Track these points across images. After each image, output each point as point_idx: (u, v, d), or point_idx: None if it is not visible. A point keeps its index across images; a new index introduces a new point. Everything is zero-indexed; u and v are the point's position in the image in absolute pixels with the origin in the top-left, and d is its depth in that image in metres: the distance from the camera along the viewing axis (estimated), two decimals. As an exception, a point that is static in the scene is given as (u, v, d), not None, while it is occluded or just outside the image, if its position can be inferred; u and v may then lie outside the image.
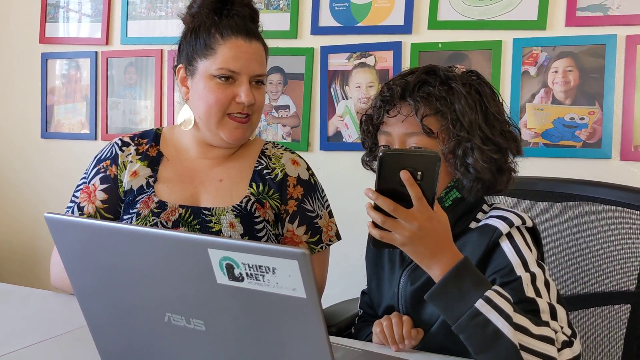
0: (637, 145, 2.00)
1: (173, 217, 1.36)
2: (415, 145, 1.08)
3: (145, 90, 2.74)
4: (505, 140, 1.10)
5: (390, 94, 1.12)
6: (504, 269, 1.02)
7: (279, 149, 1.49)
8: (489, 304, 0.90)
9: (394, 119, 1.11)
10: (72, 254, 0.84)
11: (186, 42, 1.41)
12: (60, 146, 2.92)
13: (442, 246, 0.93)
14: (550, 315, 0.97)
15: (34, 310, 1.30)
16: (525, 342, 0.90)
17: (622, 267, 1.32)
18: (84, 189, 1.45)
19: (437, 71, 1.12)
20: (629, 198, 1.32)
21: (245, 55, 1.36)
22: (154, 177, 1.42)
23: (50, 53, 2.91)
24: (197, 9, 1.41)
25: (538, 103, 2.11)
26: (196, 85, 1.39)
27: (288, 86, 2.46)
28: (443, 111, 1.07)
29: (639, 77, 1.99)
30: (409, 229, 0.91)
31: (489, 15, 2.16)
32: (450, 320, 0.93)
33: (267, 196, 1.41)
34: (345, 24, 2.36)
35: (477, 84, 1.11)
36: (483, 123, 1.08)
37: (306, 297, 0.65)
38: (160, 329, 0.79)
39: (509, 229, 1.06)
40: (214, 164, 1.44)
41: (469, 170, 1.07)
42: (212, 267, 0.70)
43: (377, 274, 1.24)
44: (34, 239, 2.96)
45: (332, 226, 1.46)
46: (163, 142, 1.49)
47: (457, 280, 0.92)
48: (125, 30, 2.75)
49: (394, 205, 0.90)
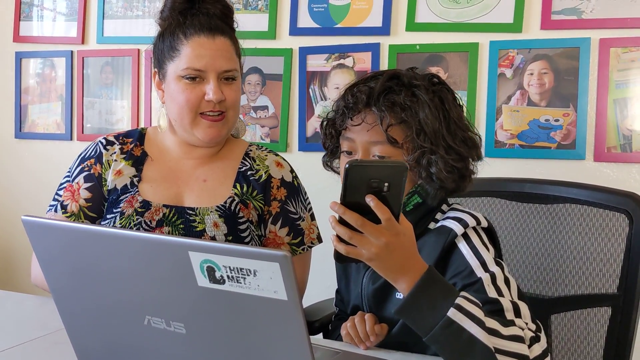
0: (610, 146, 2.04)
1: (157, 216, 1.36)
2: (379, 154, 1.08)
3: (122, 90, 2.71)
4: (467, 148, 1.10)
5: (354, 101, 1.10)
6: (464, 271, 1.03)
7: (264, 151, 1.49)
8: (460, 312, 0.90)
9: (358, 127, 1.10)
10: (50, 257, 0.83)
11: (156, 46, 1.42)
12: (34, 147, 2.88)
13: (408, 260, 0.92)
14: (514, 313, 0.98)
15: (9, 313, 1.28)
16: (498, 345, 0.91)
17: (602, 269, 1.32)
18: (67, 187, 1.43)
19: (401, 77, 1.11)
20: (609, 200, 1.32)
21: (209, 52, 1.35)
22: (139, 176, 1.42)
23: (25, 52, 2.86)
24: (167, 12, 1.42)
25: (514, 105, 2.14)
26: (168, 88, 1.39)
27: (267, 87, 2.46)
28: (408, 121, 1.06)
29: (612, 80, 2.03)
30: (377, 244, 0.88)
31: (466, 18, 2.18)
32: (422, 332, 0.92)
33: (250, 197, 1.41)
34: (324, 25, 2.36)
35: (440, 90, 1.11)
36: (445, 131, 1.08)
37: (287, 299, 0.65)
38: (139, 331, 0.79)
39: (464, 229, 1.06)
40: (197, 164, 1.44)
41: (433, 179, 1.08)
42: (192, 269, 0.70)
43: (345, 273, 1.25)
44: (8, 241, 2.91)
45: (314, 229, 1.46)
46: (147, 142, 1.48)
47: (425, 292, 0.91)
48: (102, 29, 2.72)
49: (361, 220, 0.87)
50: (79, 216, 1.39)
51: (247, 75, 2.47)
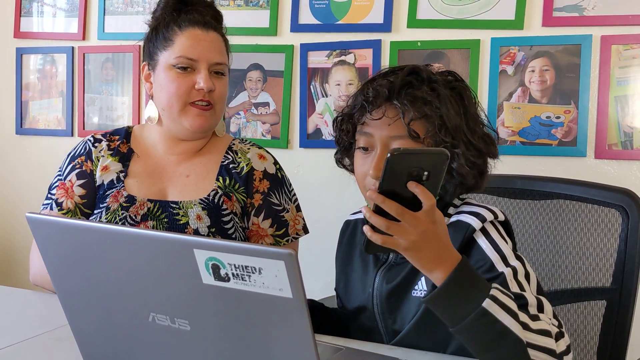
0: (611, 143, 2.04)
1: (142, 211, 1.38)
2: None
3: (122, 87, 2.71)
4: (485, 145, 1.10)
5: (374, 94, 1.08)
6: (484, 265, 1.02)
7: (246, 144, 1.51)
8: (496, 303, 0.89)
9: (378, 121, 1.07)
10: (55, 254, 0.83)
11: (148, 40, 1.45)
12: (35, 143, 2.88)
13: (444, 249, 0.91)
14: (538, 308, 0.98)
15: (12, 309, 1.28)
16: (529, 338, 0.90)
17: (598, 264, 1.34)
18: (60, 186, 1.44)
19: (420, 72, 1.10)
20: (604, 196, 1.34)
21: (202, 43, 1.39)
22: (125, 172, 1.44)
23: (25, 48, 2.86)
24: (160, 12, 1.45)
25: (515, 102, 2.14)
26: (157, 78, 1.42)
27: (268, 83, 2.45)
28: (429, 115, 1.05)
29: (613, 77, 2.03)
30: (415, 233, 0.87)
31: (467, 15, 2.18)
32: (452, 321, 0.91)
33: (233, 190, 1.43)
34: (325, 22, 2.36)
35: (458, 87, 1.11)
36: (466, 127, 1.07)
37: (292, 297, 0.65)
38: (144, 328, 0.79)
39: (482, 224, 1.06)
40: (180, 160, 1.46)
41: (453, 175, 1.07)
42: (197, 267, 0.70)
43: (346, 274, 1.24)
44: (9, 237, 2.91)
45: (299, 220, 1.48)
46: (134, 139, 1.50)
47: (461, 281, 0.90)
48: (103, 25, 2.71)
49: (401, 209, 0.86)
50: (76, 212, 1.41)
51: (248, 71, 2.47)
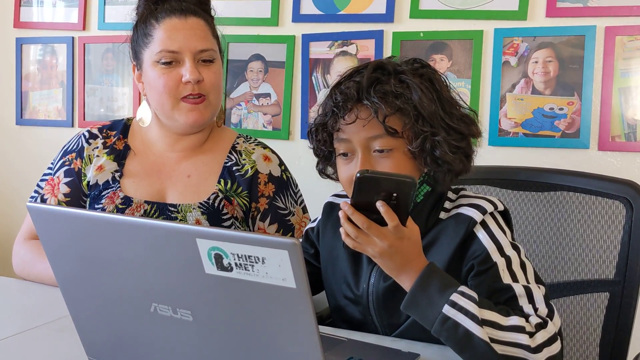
0: (615, 135, 2.03)
1: (138, 213, 1.34)
2: (380, 147, 1.04)
3: (123, 77, 2.70)
4: (465, 126, 1.08)
5: (343, 98, 1.05)
6: (480, 255, 1.03)
7: (251, 144, 1.45)
8: (454, 308, 0.93)
9: (352, 125, 1.05)
10: (56, 243, 0.82)
11: (132, 40, 1.40)
12: (35, 133, 2.87)
13: (410, 260, 0.96)
14: (527, 298, 0.99)
15: (13, 300, 1.27)
16: (496, 336, 0.93)
17: (601, 256, 1.33)
18: (48, 181, 1.43)
19: (385, 66, 1.07)
20: (608, 188, 1.34)
21: (181, 32, 1.32)
22: (120, 171, 1.40)
23: (25, 38, 2.84)
24: (142, 6, 1.39)
25: (518, 93, 2.13)
26: (146, 77, 1.36)
27: (269, 74, 2.44)
28: (403, 108, 1.02)
29: (617, 68, 2.02)
30: (380, 245, 0.93)
31: (470, 5, 2.17)
32: (427, 327, 0.96)
33: (234, 194, 1.38)
34: (327, 12, 2.34)
35: (425, 73, 1.08)
36: (442, 112, 1.05)
37: (296, 287, 0.65)
38: (146, 319, 0.79)
39: (483, 216, 1.06)
40: (181, 158, 1.41)
41: (439, 163, 1.05)
42: (200, 257, 0.69)
43: (332, 261, 1.20)
44: (9, 227, 2.91)
45: (305, 222, 1.44)
46: (131, 134, 1.46)
47: (423, 288, 0.95)
48: (103, 15, 2.70)
49: (367, 223, 0.92)
50: None
51: (249, 62, 2.45)
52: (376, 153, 1.05)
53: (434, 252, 1.07)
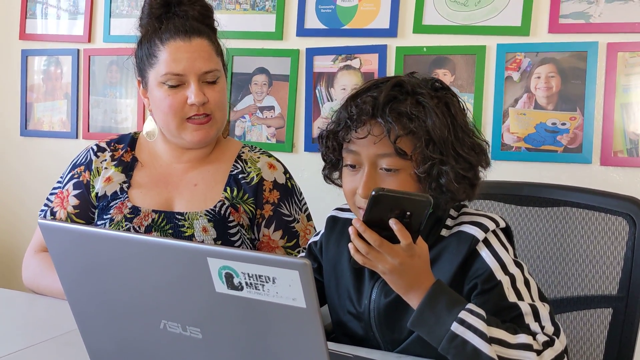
0: (617, 150, 2.04)
1: (146, 222, 1.35)
2: (387, 166, 1.04)
3: (127, 89, 2.71)
4: (475, 156, 1.07)
5: (358, 112, 1.05)
6: (484, 274, 1.03)
7: (256, 153, 1.47)
8: (462, 325, 0.94)
9: (363, 139, 1.05)
10: (66, 260, 0.83)
11: (136, 55, 1.40)
12: (39, 144, 2.88)
13: (420, 278, 0.97)
14: (533, 316, 1.00)
15: (19, 314, 1.28)
16: (504, 354, 0.93)
17: (605, 271, 1.34)
18: (58, 194, 1.44)
19: (404, 84, 1.07)
20: (611, 204, 1.34)
21: (185, 55, 1.33)
22: (128, 182, 1.41)
23: (31, 50, 2.86)
24: (145, 19, 1.40)
25: (521, 108, 2.14)
26: (151, 96, 1.38)
27: (273, 87, 2.46)
28: (416, 131, 1.02)
29: (619, 84, 2.03)
30: (391, 263, 0.94)
31: (473, 21, 2.18)
32: (434, 344, 0.96)
33: (241, 201, 1.40)
34: (331, 27, 2.36)
35: (444, 96, 1.08)
36: (454, 139, 1.05)
37: (306, 307, 0.65)
38: (155, 335, 0.79)
39: (485, 234, 1.06)
40: (188, 168, 1.43)
41: (443, 191, 1.05)
42: (210, 275, 0.70)
43: (335, 275, 1.21)
44: (14, 239, 2.91)
45: (310, 229, 1.45)
46: (138, 147, 1.48)
47: (432, 306, 0.96)
48: (108, 28, 2.72)
49: (379, 240, 0.93)
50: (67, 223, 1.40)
51: (253, 75, 2.47)
52: (382, 171, 1.05)
53: (435, 270, 1.06)
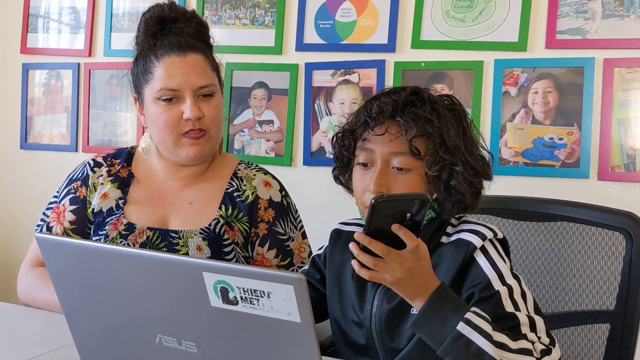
0: (614, 165, 2.05)
1: (141, 239, 1.35)
2: (399, 165, 1.08)
3: (127, 103, 2.73)
4: (481, 166, 1.13)
5: (378, 111, 1.11)
6: (481, 283, 1.05)
7: (252, 170, 1.47)
8: (469, 326, 0.94)
9: (380, 137, 1.10)
10: (63, 274, 0.83)
11: (132, 72, 1.41)
12: (39, 157, 2.89)
13: (426, 281, 0.97)
14: (530, 327, 1.01)
15: (16, 328, 1.27)
16: (505, 357, 0.94)
17: (602, 286, 1.34)
18: (54, 209, 1.43)
19: (422, 93, 1.13)
20: (608, 219, 1.34)
21: (180, 70, 1.33)
22: (124, 198, 1.41)
23: (31, 64, 2.88)
24: (141, 37, 1.41)
25: (518, 123, 2.15)
26: (147, 112, 1.38)
27: (272, 101, 2.47)
28: (431, 133, 1.08)
29: (616, 99, 2.04)
30: (401, 270, 0.94)
31: (471, 36, 2.20)
32: (434, 345, 0.96)
33: (235, 219, 1.39)
34: (330, 42, 2.38)
35: (458, 110, 1.14)
36: (464, 147, 1.11)
37: (301, 321, 0.66)
38: (151, 350, 0.79)
39: (482, 242, 1.08)
40: (183, 186, 1.43)
41: (451, 193, 1.09)
42: (206, 290, 0.70)
43: (339, 285, 1.22)
44: (11, 252, 2.91)
45: (305, 247, 1.44)
46: (135, 162, 1.47)
47: (437, 306, 0.96)
48: (109, 42, 2.74)
49: (387, 249, 0.93)
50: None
51: (253, 89, 2.48)
52: (394, 170, 1.09)
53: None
